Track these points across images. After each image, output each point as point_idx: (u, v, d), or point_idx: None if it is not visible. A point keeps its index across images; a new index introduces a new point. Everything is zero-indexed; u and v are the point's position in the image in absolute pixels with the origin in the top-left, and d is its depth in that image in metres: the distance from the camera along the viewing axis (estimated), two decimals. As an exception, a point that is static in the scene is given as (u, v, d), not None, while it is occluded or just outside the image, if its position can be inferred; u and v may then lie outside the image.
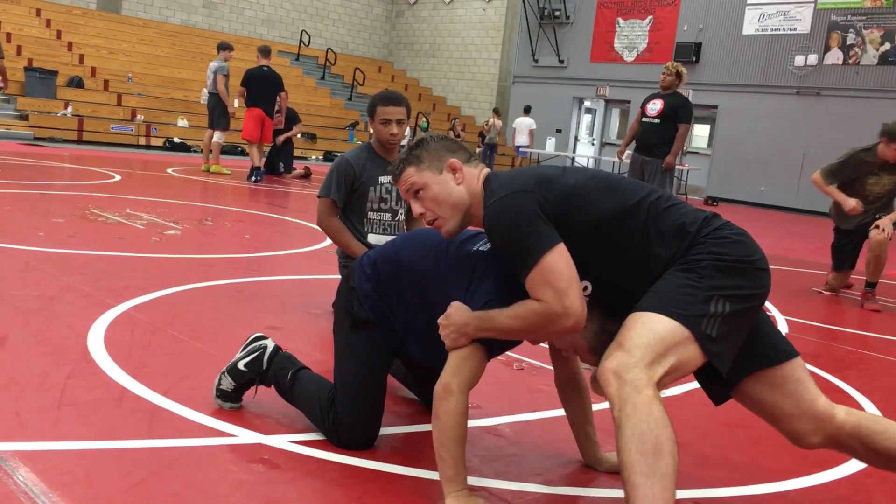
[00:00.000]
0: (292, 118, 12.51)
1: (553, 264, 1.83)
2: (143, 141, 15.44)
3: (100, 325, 3.20)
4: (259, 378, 2.48)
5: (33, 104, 14.62)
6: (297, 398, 2.40)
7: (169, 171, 11.02)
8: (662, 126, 8.44)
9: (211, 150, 11.40)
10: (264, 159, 11.87)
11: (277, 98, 11.30)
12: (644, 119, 8.52)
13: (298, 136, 13.61)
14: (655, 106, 8.44)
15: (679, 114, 8.45)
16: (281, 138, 12.22)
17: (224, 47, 11.33)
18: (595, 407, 2.36)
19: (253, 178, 10.85)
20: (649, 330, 1.78)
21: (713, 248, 1.88)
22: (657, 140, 8.48)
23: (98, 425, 2.24)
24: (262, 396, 2.56)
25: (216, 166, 11.33)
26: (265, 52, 11.22)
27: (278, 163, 12.40)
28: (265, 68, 11.02)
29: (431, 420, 1.96)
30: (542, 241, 1.85)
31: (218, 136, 11.32)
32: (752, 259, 1.90)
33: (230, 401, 2.48)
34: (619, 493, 2.16)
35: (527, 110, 19.60)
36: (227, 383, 2.46)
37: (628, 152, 9.18)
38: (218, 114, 11.26)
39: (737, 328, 1.87)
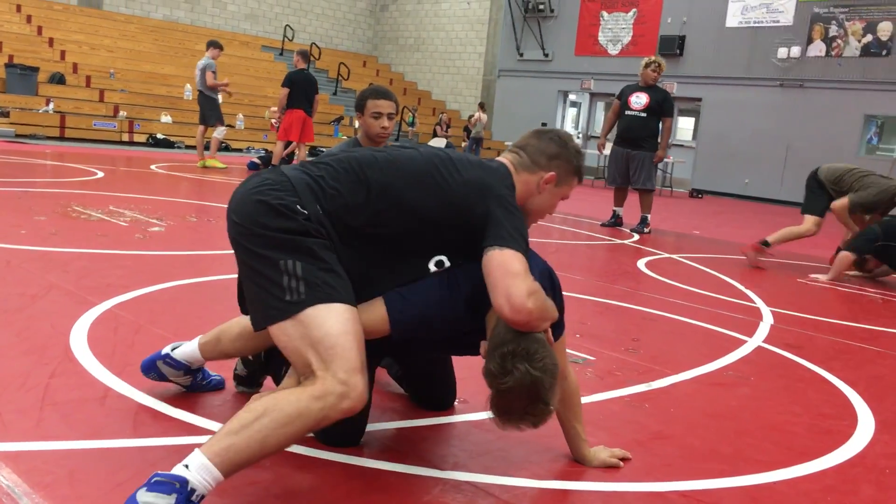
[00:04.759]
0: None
1: None
2: (125, 137, 15.33)
3: (83, 323, 3.17)
4: (261, 369, 2.56)
5: (14, 101, 14.47)
6: None
7: (153, 167, 10.94)
8: (648, 119, 8.48)
9: (208, 147, 11.48)
10: (261, 157, 12.04)
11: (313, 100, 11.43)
12: (628, 112, 8.53)
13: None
14: (640, 100, 8.46)
15: (664, 107, 8.51)
16: (286, 151, 12.22)
17: (214, 45, 11.35)
18: (584, 399, 2.35)
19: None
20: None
21: None
22: (645, 133, 8.51)
23: (81, 425, 2.21)
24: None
25: (211, 160, 11.35)
26: (305, 56, 11.15)
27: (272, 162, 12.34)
28: (305, 71, 11.02)
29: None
30: None
31: (219, 132, 11.43)
32: None
33: (244, 385, 2.60)
34: (606, 488, 2.16)
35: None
36: (240, 369, 2.61)
37: (608, 144, 9.22)
38: (208, 109, 11.30)
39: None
